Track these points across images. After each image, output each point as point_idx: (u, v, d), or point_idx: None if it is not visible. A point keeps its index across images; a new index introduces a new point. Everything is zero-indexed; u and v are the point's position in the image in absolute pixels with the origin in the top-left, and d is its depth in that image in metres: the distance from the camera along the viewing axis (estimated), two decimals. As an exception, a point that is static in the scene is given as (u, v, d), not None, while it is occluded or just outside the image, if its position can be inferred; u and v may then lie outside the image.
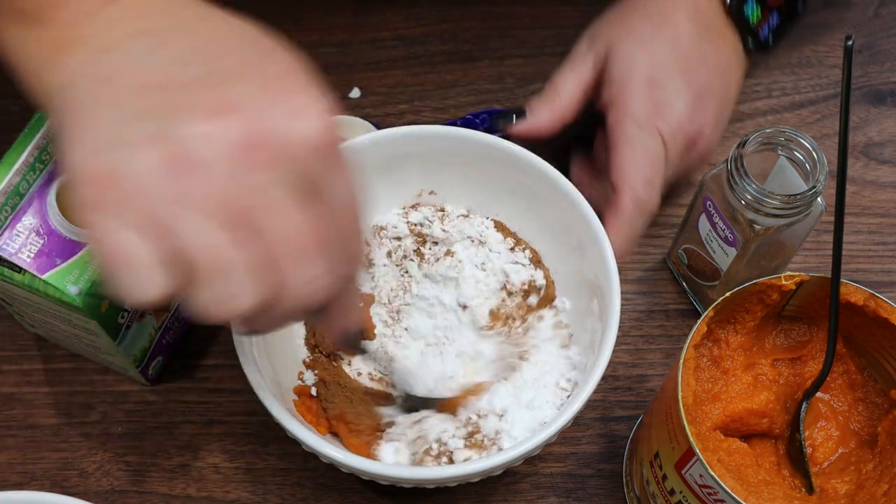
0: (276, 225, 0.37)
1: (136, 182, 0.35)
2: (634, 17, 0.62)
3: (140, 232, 0.36)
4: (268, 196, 0.37)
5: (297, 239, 0.37)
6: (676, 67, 0.59)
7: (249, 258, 0.36)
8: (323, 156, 0.38)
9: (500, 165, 0.59)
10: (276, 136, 0.37)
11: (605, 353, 0.52)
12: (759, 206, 0.54)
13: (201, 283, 0.36)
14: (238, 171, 0.36)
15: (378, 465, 0.51)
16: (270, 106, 0.37)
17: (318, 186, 0.38)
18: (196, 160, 0.36)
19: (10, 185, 0.49)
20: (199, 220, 0.36)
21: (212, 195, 0.36)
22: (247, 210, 0.36)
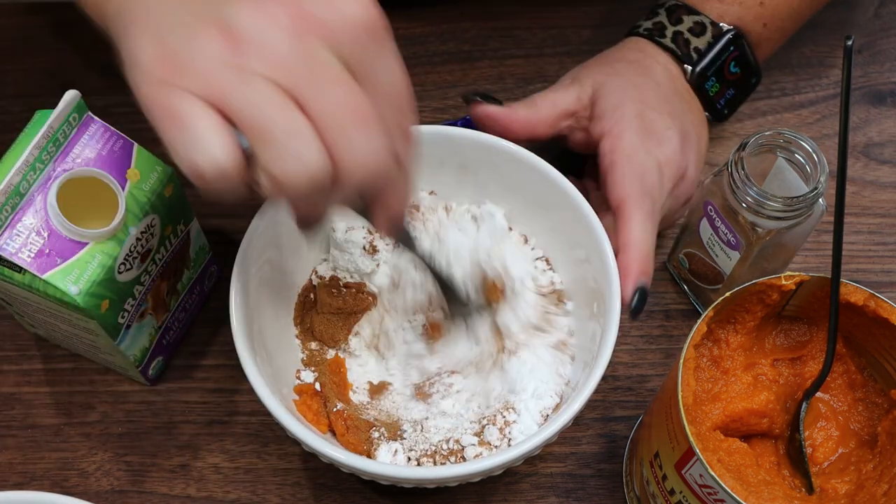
0: (333, 91, 0.39)
1: (199, 58, 0.38)
2: (617, 64, 0.63)
3: (205, 100, 0.38)
4: (323, 65, 0.39)
5: (354, 105, 0.39)
6: (662, 108, 0.60)
7: (310, 120, 0.38)
8: (372, 37, 0.40)
9: (500, 165, 0.59)
10: (328, 16, 0.39)
11: (605, 353, 0.52)
12: (761, 209, 0.54)
13: (266, 144, 0.38)
14: (294, 44, 0.38)
15: (378, 465, 0.51)
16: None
17: (369, 65, 0.40)
18: (254, 36, 0.38)
19: (10, 185, 0.49)
20: (260, 86, 0.38)
21: (271, 66, 0.38)
22: (304, 77, 0.38)
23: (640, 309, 0.54)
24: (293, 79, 0.38)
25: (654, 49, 0.64)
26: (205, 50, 0.38)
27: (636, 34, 0.65)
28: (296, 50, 0.39)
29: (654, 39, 0.64)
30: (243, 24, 0.38)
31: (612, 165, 0.57)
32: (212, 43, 0.38)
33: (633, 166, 0.57)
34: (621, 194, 0.56)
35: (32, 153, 0.49)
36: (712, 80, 0.64)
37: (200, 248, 0.61)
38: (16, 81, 0.74)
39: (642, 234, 0.55)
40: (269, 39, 0.38)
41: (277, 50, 0.38)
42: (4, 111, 0.72)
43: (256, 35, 0.38)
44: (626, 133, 0.58)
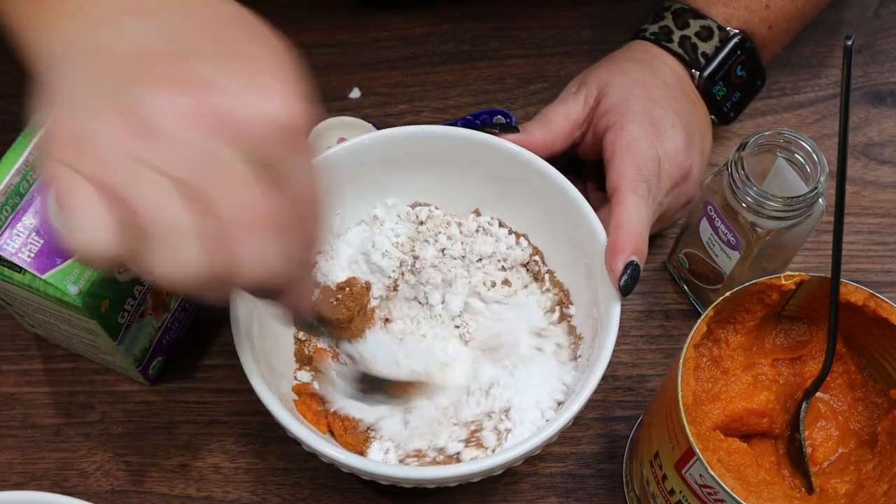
0: (231, 197, 0.37)
1: (97, 141, 0.37)
2: (624, 63, 0.63)
3: (95, 186, 0.36)
4: (226, 167, 0.37)
5: (252, 214, 0.37)
6: (669, 106, 0.60)
7: (202, 226, 0.37)
8: (286, 139, 0.38)
9: (500, 165, 0.59)
10: (239, 112, 0.37)
11: (605, 353, 0.52)
12: (760, 209, 0.54)
13: (151, 244, 0.37)
14: (197, 140, 0.37)
15: (378, 465, 0.51)
16: (239, 85, 0.38)
17: (279, 169, 0.38)
18: (156, 126, 0.36)
19: (10, 185, 0.49)
20: (153, 182, 0.36)
21: (169, 160, 0.36)
22: (203, 178, 0.37)
23: (631, 287, 0.53)
24: (191, 177, 0.37)
25: (661, 52, 0.64)
26: (103, 134, 0.37)
27: (642, 38, 0.65)
28: (199, 148, 0.37)
29: (661, 44, 0.64)
30: (150, 113, 0.37)
31: (612, 156, 0.58)
32: (112, 128, 0.37)
33: (631, 155, 0.57)
34: (617, 179, 0.56)
35: (32, 153, 0.49)
36: (720, 84, 0.64)
37: (200, 248, 0.61)
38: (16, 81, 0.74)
39: (635, 214, 0.55)
40: (173, 133, 0.37)
41: (179, 145, 0.37)
42: (4, 111, 0.72)
43: (161, 127, 0.37)
44: (629, 125, 0.58)
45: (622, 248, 0.53)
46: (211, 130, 0.37)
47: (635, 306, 0.66)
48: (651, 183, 0.56)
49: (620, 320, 0.53)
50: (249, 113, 0.37)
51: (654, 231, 0.57)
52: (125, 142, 0.37)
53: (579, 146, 0.63)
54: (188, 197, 0.36)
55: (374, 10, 0.77)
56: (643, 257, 0.54)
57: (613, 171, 0.57)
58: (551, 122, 0.61)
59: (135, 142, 0.36)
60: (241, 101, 0.37)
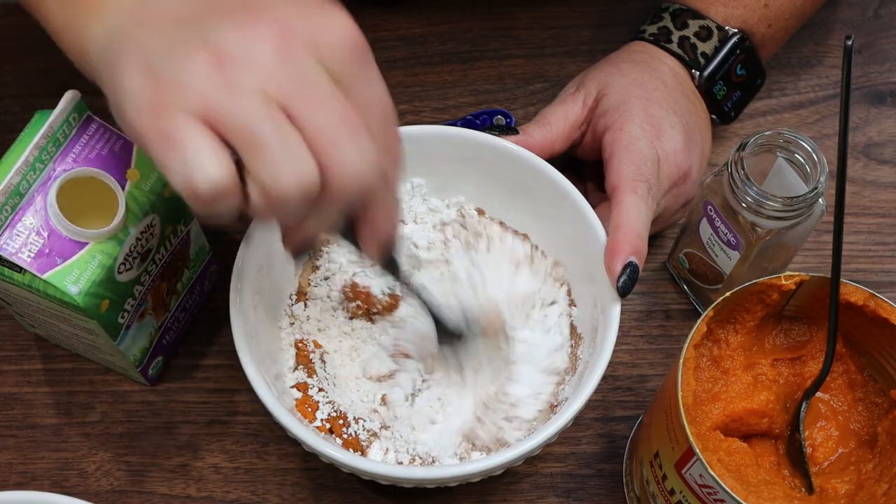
0: (323, 102, 0.40)
1: (185, 77, 0.39)
2: (623, 65, 0.63)
3: (196, 118, 0.38)
4: (311, 77, 0.40)
5: (344, 117, 0.40)
6: (668, 106, 0.60)
7: (301, 131, 0.39)
8: (357, 56, 0.41)
9: (500, 165, 0.59)
10: (310, 32, 0.40)
11: (605, 353, 0.52)
12: (760, 209, 0.54)
13: (257, 155, 0.39)
14: (279, 56, 0.39)
15: (378, 465, 0.51)
16: (302, 15, 0.41)
17: (355, 82, 0.41)
18: (238, 52, 0.39)
19: (10, 185, 0.49)
20: (250, 99, 0.39)
21: (258, 77, 0.39)
22: (294, 89, 0.39)
23: (630, 287, 0.53)
24: (282, 91, 0.39)
25: (661, 52, 0.64)
26: (193, 70, 0.39)
27: (641, 39, 0.65)
28: (284, 63, 0.39)
29: (660, 44, 0.64)
30: (229, 43, 0.39)
31: (611, 156, 0.58)
32: (199, 63, 0.39)
33: (630, 154, 0.57)
34: (616, 179, 0.56)
35: (32, 153, 0.49)
36: (720, 83, 0.64)
37: (200, 248, 0.61)
38: (16, 81, 0.74)
39: (635, 214, 0.54)
40: (256, 55, 0.39)
41: (265, 64, 0.39)
42: (4, 111, 0.72)
43: (244, 52, 0.39)
44: (629, 125, 0.58)
45: (621, 248, 0.53)
46: (291, 49, 0.39)
47: (635, 306, 0.66)
48: (651, 183, 0.56)
49: (620, 320, 0.53)
50: (322, 35, 0.40)
51: (653, 231, 0.57)
52: (215, 72, 0.39)
53: (578, 147, 0.63)
54: (284, 109, 0.39)
55: (374, 9, 0.77)
56: (642, 258, 0.54)
57: (613, 172, 0.57)
58: (550, 124, 0.61)
59: (224, 71, 0.39)
60: (313, 25, 0.40)
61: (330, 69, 0.40)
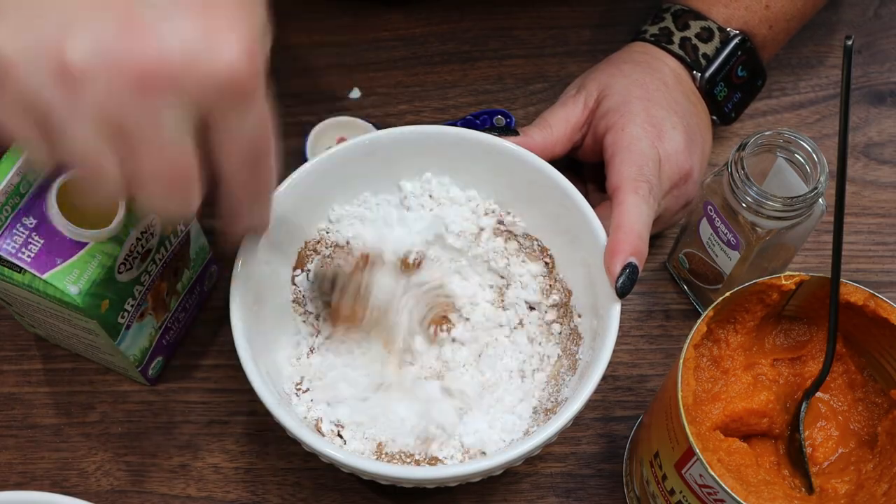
0: (152, 153, 0.39)
1: (28, 75, 0.37)
2: (624, 65, 0.63)
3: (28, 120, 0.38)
4: (155, 123, 0.38)
5: (166, 169, 0.39)
6: (670, 107, 0.60)
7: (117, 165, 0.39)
8: (229, 93, 0.38)
9: (500, 165, 0.59)
10: (178, 66, 0.37)
11: (605, 353, 0.52)
12: (760, 209, 0.54)
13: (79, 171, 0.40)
14: (124, 91, 0.37)
15: (378, 464, 0.51)
16: (183, 32, 0.37)
17: (221, 121, 0.39)
18: (94, 74, 0.37)
19: (10, 185, 0.49)
20: (80, 126, 0.38)
21: (96, 108, 0.37)
22: (131, 130, 0.38)
23: (629, 288, 0.53)
24: (121, 125, 0.38)
25: (662, 53, 0.64)
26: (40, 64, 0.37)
27: (642, 39, 0.65)
28: (130, 100, 0.37)
29: (662, 45, 0.64)
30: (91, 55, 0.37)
31: (612, 156, 0.58)
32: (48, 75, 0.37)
33: (632, 154, 0.57)
34: (618, 179, 0.56)
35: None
36: (721, 85, 0.64)
37: (200, 248, 0.61)
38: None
39: (636, 214, 0.54)
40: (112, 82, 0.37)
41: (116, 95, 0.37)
42: (4, 111, 0.72)
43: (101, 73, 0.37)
44: (630, 126, 0.58)
45: (621, 248, 0.53)
46: (152, 89, 0.37)
47: (635, 306, 0.66)
48: (652, 183, 0.56)
49: (620, 320, 0.53)
50: (191, 69, 0.37)
51: (654, 232, 0.57)
52: (57, 88, 0.37)
53: (579, 149, 0.63)
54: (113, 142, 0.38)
55: (374, 9, 0.77)
56: (642, 258, 0.54)
57: (614, 172, 0.57)
58: (551, 126, 0.61)
59: (66, 89, 0.37)
60: (183, 55, 0.37)
61: (194, 108, 0.38)
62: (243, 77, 0.38)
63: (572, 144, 0.62)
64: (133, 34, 0.37)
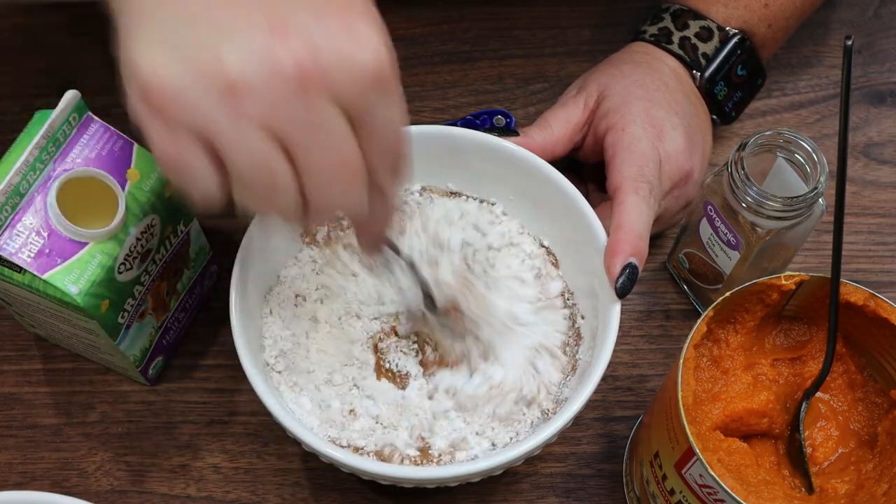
0: (322, 150, 0.39)
1: (196, 98, 0.38)
2: (623, 66, 0.63)
3: (195, 142, 0.39)
4: (319, 119, 0.39)
5: (338, 165, 0.40)
6: (670, 108, 0.60)
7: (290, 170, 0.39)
8: (377, 87, 0.40)
9: (501, 165, 0.59)
10: (329, 64, 0.38)
11: (605, 353, 0.52)
12: (760, 209, 0.54)
13: (247, 187, 0.40)
14: (292, 96, 0.38)
15: (378, 464, 0.51)
16: (329, 32, 0.39)
17: (370, 113, 0.40)
18: (252, 84, 0.38)
19: (10, 185, 0.49)
20: (251, 137, 0.38)
21: (265, 115, 0.38)
22: (297, 129, 0.39)
23: (628, 289, 0.53)
24: (287, 129, 0.39)
25: (662, 53, 0.64)
26: (200, 97, 0.38)
27: (641, 39, 0.65)
28: (296, 103, 0.38)
29: (661, 45, 0.64)
30: (247, 67, 0.38)
31: (613, 156, 0.58)
32: (209, 90, 0.38)
33: (633, 155, 0.57)
34: (618, 180, 0.56)
35: (32, 153, 0.49)
36: (721, 84, 0.64)
37: (200, 248, 0.61)
38: (15, 82, 0.74)
39: (636, 214, 0.54)
40: (271, 89, 0.38)
41: (277, 101, 0.38)
42: (4, 111, 0.72)
43: (259, 82, 0.38)
44: (630, 126, 0.58)
45: (621, 249, 0.53)
46: (307, 88, 0.38)
47: (635, 306, 0.66)
48: (653, 184, 0.56)
49: (620, 320, 0.53)
50: (346, 68, 0.39)
51: (653, 232, 0.57)
52: (226, 99, 0.38)
53: (579, 149, 0.63)
54: (280, 146, 0.39)
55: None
56: (643, 259, 0.54)
57: (615, 172, 0.57)
58: (551, 127, 0.61)
59: (235, 99, 0.38)
60: (332, 52, 0.38)
61: (346, 103, 0.39)
62: (387, 69, 0.40)
63: (573, 145, 0.62)
64: (284, 38, 0.38)
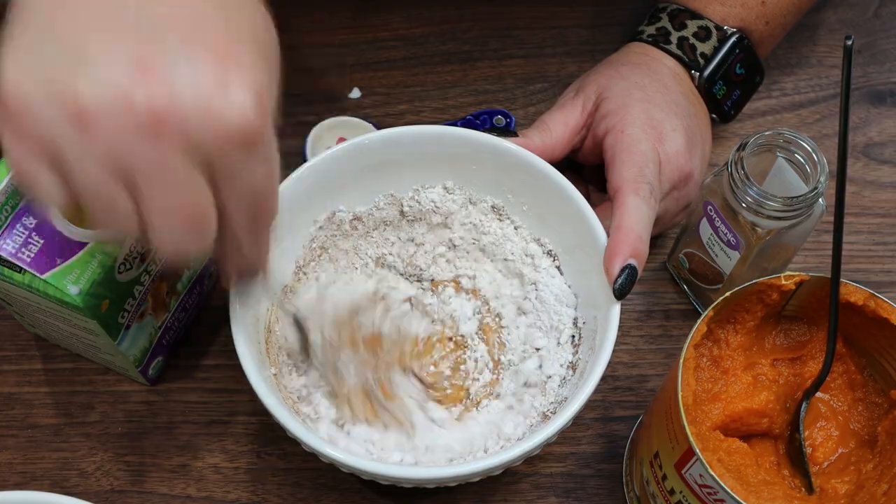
0: (161, 191, 0.39)
1: (43, 119, 0.37)
2: (622, 67, 0.63)
3: (42, 154, 0.38)
4: (164, 166, 0.38)
5: (177, 208, 0.39)
6: (669, 109, 0.60)
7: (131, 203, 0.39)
8: (238, 144, 0.38)
9: (500, 166, 0.59)
10: (187, 116, 0.37)
11: (605, 353, 0.52)
12: (760, 209, 0.54)
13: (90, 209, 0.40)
14: (136, 136, 0.37)
15: (378, 464, 0.51)
16: (194, 78, 0.37)
17: (226, 172, 0.39)
18: (97, 117, 0.37)
19: (10, 185, 0.49)
20: (90, 163, 0.38)
21: (108, 150, 0.37)
22: (141, 172, 0.38)
23: (627, 290, 0.53)
24: (130, 166, 0.38)
25: (660, 53, 0.64)
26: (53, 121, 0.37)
27: (639, 40, 0.65)
28: (141, 145, 0.37)
29: (660, 46, 0.64)
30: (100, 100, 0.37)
31: (613, 158, 0.58)
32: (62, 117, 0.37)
33: (632, 156, 0.57)
34: (618, 181, 0.56)
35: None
36: (720, 83, 0.64)
37: (200, 248, 0.61)
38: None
39: (636, 215, 0.54)
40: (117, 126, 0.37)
41: (126, 140, 0.37)
42: (4, 111, 0.72)
43: (111, 117, 0.37)
44: (630, 128, 0.58)
45: (620, 250, 0.53)
46: (162, 135, 0.37)
47: (635, 306, 0.66)
48: (653, 185, 0.56)
49: (620, 320, 0.53)
50: (201, 119, 0.37)
51: (653, 234, 0.57)
52: (71, 130, 0.37)
53: (579, 151, 0.63)
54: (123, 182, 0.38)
55: (374, 9, 0.77)
56: (642, 260, 0.54)
57: (615, 174, 0.57)
58: (550, 129, 0.61)
59: (80, 131, 0.37)
60: (193, 105, 0.37)
61: (202, 155, 0.38)
62: (253, 127, 0.38)
63: (571, 147, 0.62)
64: (145, 77, 0.37)
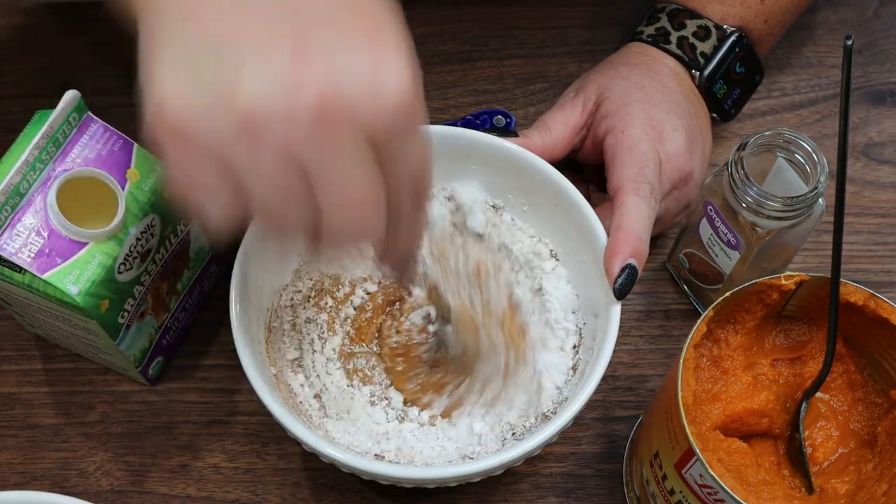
0: (342, 181, 0.38)
1: (210, 127, 0.37)
2: (622, 68, 0.63)
3: (210, 165, 0.38)
4: (339, 154, 0.38)
5: (354, 196, 0.39)
6: (669, 109, 0.60)
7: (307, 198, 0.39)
8: (402, 121, 0.39)
9: (501, 166, 0.59)
10: (353, 97, 0.37)
11: (606, 353, 0.52)
12: (760, 209, 0.54)
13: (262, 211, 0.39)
14: (307, 127, 0.37)
15: (378, 464, 0.51)
16: (352, 55, 0.37)
17: (391, 149, 0.39)
18: (266, 116, 0.37)
19: (10, 185, 0.49)
20: (264, 163, 0.37)
21: (284, 145, 0.37)
22: (317, 163, 0.38)
23: (627, 290, 0.53)
24: (304, 160, 0.38)
25: (660, 53, 0.64)
26: (220, 132, 0.37)
27: (639, 40, 0.65)
28: (314, 136, 0.37)
29: (660, 45, 0.64)
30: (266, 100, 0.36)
31: (613, 158, 0.58)
32: (228, 108, 0.37)
33: (633, 156, 0.57)
34: (619, 181, 0.56)
35: (32, 153, 0.49)
36: (720, 82, 0.64)
37: (200, 248, 0.61)
38: (16, 81, 0.74)
39: (636, 215, 0.54)
40: (292, 121, 0.37)
41: (298, 132, 0.37)
42: (4, 111, 0.72)
43: (279, 114, 0.37)
44: (630, 128, 0.58)
45: (620, 250, 0.53)
46: (331, 121, 0.37)
47: (635, 306, 0.66)
48: (653, 185, 0.56)
49: (620, 320, 0.53)
50: (373, 96, 0.37)
51: (653, 234, 0.57)
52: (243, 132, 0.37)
53: (579, 151, 0.63)
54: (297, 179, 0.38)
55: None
56: (642, 260, 0.54)
57: (615, 174, 0.57)
58: (550, 130, 0.61)
59: (253, 131, 0.37)
60: (363, 86, 0.37)
61: (369, 135, 0.38)
62: (412, 105, 0.39)
63: (571, 147, 0.62)
64: (305, 68, 0.37)
